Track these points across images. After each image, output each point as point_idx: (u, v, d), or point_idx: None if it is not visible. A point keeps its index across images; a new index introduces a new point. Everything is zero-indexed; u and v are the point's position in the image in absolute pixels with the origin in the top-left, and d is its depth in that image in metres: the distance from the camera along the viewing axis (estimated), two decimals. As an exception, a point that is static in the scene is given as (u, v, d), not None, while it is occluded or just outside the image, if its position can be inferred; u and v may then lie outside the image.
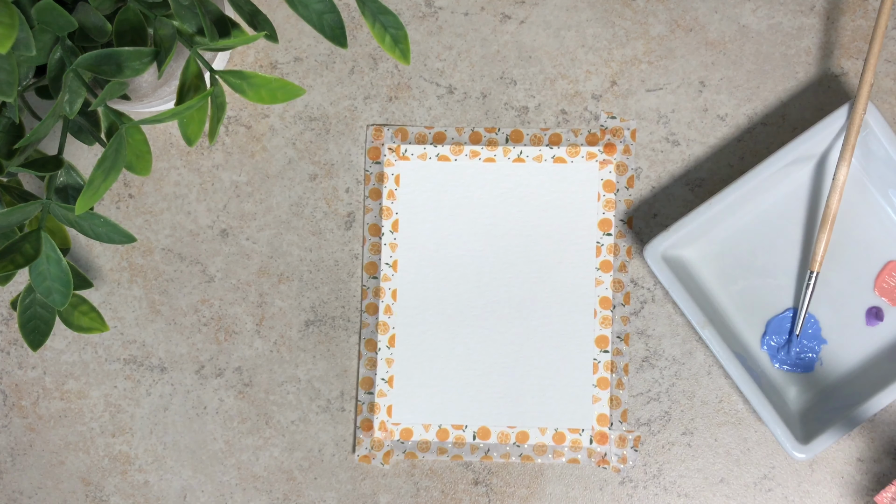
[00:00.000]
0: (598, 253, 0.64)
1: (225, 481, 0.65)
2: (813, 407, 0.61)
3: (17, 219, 0.49)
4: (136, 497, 0.65)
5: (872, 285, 0.62)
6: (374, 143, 0.65)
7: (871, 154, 0.61)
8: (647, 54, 0.64)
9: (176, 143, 0.66)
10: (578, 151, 0.64)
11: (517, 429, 0.64)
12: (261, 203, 0.65)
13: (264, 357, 0.65)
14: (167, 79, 0.59)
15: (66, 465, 0.66)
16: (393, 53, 0.49)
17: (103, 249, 0.66)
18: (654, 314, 0.64)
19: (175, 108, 0.48)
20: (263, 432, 0.65)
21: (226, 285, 0.65)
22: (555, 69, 0.65)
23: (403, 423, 0.64)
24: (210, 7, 0.52)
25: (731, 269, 0.63)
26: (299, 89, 0.50)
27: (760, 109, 0.64)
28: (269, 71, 0.66)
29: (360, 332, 0.65)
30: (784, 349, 0.62)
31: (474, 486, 0.64)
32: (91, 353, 0.66)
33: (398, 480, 0.64)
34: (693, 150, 0.64)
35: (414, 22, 0.65)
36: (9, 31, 0.42)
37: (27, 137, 0.49)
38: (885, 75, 0.63)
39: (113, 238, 0.51)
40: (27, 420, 0.66)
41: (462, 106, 0.65)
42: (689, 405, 0.63)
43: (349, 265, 0.65)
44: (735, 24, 0.64)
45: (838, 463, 0.63)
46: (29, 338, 0.54)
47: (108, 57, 0.49)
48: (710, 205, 0.60)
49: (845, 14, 0.64)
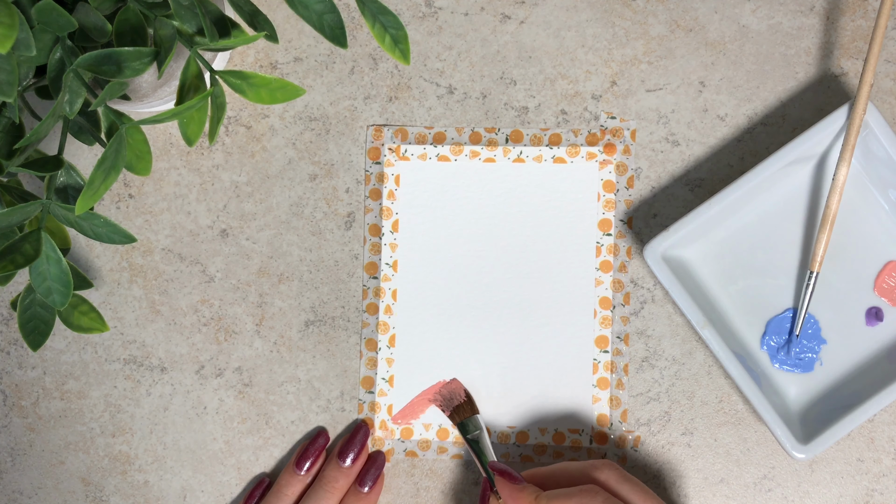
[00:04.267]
0: (597, 253, 0.64)
1: (225, 481, 0.65)
2: (813, 407, 0.61)
3: (17, 219, 0.49)
4: (136, 497, 0.65)
5: (872, 285, 0.62)
6: (374, 144, 0.65)
7: (871, 154, 0.61)
8: (647, 54, 0.64)
9: (176, 143, 0.66)
10: (578, 152, 0.64)
11: (517, 429, 0.64)
12: (261, 203, 0.65)
13: (264, 357, 0.65)
14: (167, 79, 0.59)
15: (66, 465, 0.66)
16: (393, 54, 0.49)
17: (103, 249, 0.66)
18: (654, 314, 0.64)
19: (175, 108, 0.48)
20: (263, 432, 0.65)
21: (226, 285, 0.65)
22: (555, 69, 0.65)
23: (404, 423, 0.64)
24: (210, 7, 0.52)
25: (731, 269, 0.63)
26: (299, 89, 0.50)
27: (760, 109, 0.64)
28: (269, 71, 0.66)
29: (361, 332, 0.65)
30: (784, 349, 0.62)
31: (474, 486, 0.64)
32: (91, 353, 0.66)
33: (398, 480, 0.64)
34: (693, 151, 0.64)
35: (414, 22, 0.65)
36: (9, 31, 0.42)
37: (27, 137, 0.49)
38: (885, 75, 0.63)
39: (113, 238, 0.51)
40: (27, 420, 0.66)
41: (462, 106, 0.65)
42: (689, 405, 0.63)
43: (349, 265, 0.65)
44: (735, 24, 0.64)
45: (838, 463, 0.63)
46: (29, 338, 0.54)
47: (108, 57, 0.49)
48: (710, 205, 0.60)
49: (845, 14, 0.64)
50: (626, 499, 0.56)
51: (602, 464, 0.57)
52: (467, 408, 0.63)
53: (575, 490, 0.55)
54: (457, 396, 0.63)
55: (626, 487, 0.56)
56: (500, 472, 0.59)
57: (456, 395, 0.62)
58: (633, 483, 0.56)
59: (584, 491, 0.55)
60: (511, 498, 0.58)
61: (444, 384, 0.63)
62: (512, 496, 0.58)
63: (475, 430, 0.62)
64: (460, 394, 0.63)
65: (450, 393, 0.63)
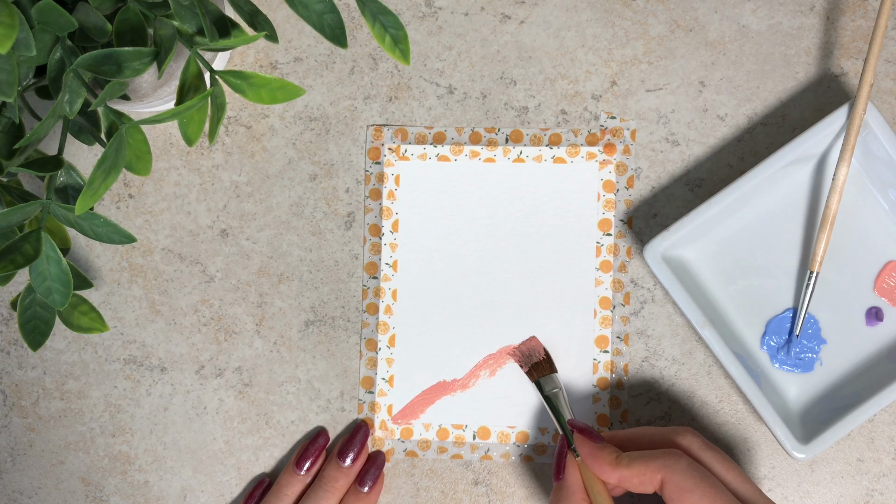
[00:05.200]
0: (597, 253, 0.64)
1: (225, 481, 0.65)
2: (813, 407, 0.61)
3: (17, 219, 0.49)
4: (136, 497, 0.65)
5: (872, 285, 0.62)
6: (374, 143, 0.65)
7: (871, 154, 0.61)
8: (647, 54, 0.64)
9: (176, 143, 0.66)
10: (578, 151, 0.64)
11: (517, 429, 0.64)
12: (261, 203, 0.65)
13: (264, 357, 0.65)
14: (167, 79, 0.59)
15: (66, 465, 0.66)
16: (393, 54, 0.49)
17: (103, 249, 0.66)
18: (654, 314, 0.64)
19: (175, 108, 0.48)
20: (263, 432, 0.65)
21: (226, 285, 0.65)
22: (555, 69, 0.65)
23: (404, 423, 0.64)
24: (210, 7, 0.52)
25: (731, 269, 0.63)
26: (299, 89, 0.50)
27: (760, 109, 0.64)
28: (269, 71, 0.66)
29: (361, 332, 0.65)
30: (784, 349, 0.62)
31: (474, 486, 0.64)
32: (91, 353, 0.66)
33: (398, 480, 0.64)
34: (693, 150, 0.64)
35: (414, 22, 0.65)
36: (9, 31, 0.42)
37: (27, 137, 0.48)
38: (885, 75, 0.63)
39: (113, 238, 0.51)
40: (27, 420, 0.66)
41: (462, 106, 0.65)
42: (689, 405, 0.63)
43: (349, 265, 0.65)
44: (735, 24, 0.64)
45: (838, 463, 0.63)
46: (29, 338, 0.54)
47: (108, 57, 0.49)
48: (710, 205, 0.60)
49: (845, 14, 0.64)
50: (708, 466, 0.55)
51: (684, 430, 0.57)
52: (546, 366, 0.62)
53: (658, 452, 0.55)
54: (536, 354, 0.62)
55: (708, 455, 0.55)
56: (580, 429, 0.59)
57: (535, 352, 0.62)
58: (715, 451, 0.56)
59: (667, 454, 0.54)
60: (590, 456, 0.57)
61: (524, 341, 0.63)
62: (592, 454, 0.57)
63: (553, 389, 0.61)
64: (539, 351, 0.62)
65: (529, 350, 0.62)
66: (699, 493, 0.52)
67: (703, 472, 0.53)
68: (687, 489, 0.53)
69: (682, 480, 0.53)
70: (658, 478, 0.54)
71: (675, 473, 0.53)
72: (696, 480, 0.53)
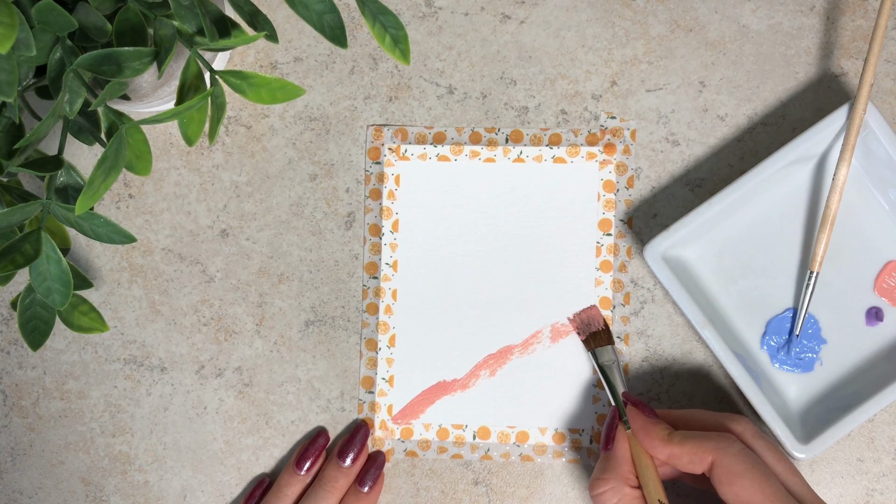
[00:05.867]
0: (597, 253, 0.64)
1: (225, 481, 0.65)
2: (813, 407, 0.61)
3: (17, 219, 0.49)
4: (136, 497, 0.65)
5: (872, 285, 0.62)
6: (374, 143, 0.65)
7: (871, 154, 0.61)
8: (647, 54, 0.64)
9: (176, 143, 0.66)
10: (578, 151, 0.64)
11: (517, 429, 0.64)
12: (261, 203, 0.65)
13: (264, 357, 0.65)
14: (167, 79, 0.59)
15: (66, 465, 0.66)
16: (393, 54, 0.49)
17: (103, 249, 0.66)
18: (654, 314, 0.64)
19: (175, 108, 0.48)
20: (263, 432, 0.65)
21: (226, 285, 0.65)
22: (555, 69, 0.65)
23: (404, 423, 0.64)
24: (210, 7, 0.52)
25: (731, 269, 0.63)
26: (299, 89, 0.50)
27: (760, 109, 0.64)
28: (269, 71, 0.66)
29: (361, 332, 0.65)
30: (784, 349, 0.62)
31: (474, 486, 0.64)
32: (91, 353, 0.66)
33: (398, 480, 0.64)
34: (693, 150, 0.64)
35: (414, 22, 0.65)
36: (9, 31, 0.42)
37: (27, 137, 0.49)
38: (885, 75, 0.63)
39: (113, 238, 0.51)
40: (27, 420, 0.66)
41: (462, 106, 0.65)
42: (689, 405, 0.63)
43: (349, 265, 0.65)
44: (735, 24, 0.64)
45: (838, 463, 0.63)
46: (29, 338, 0.54)
47: (108, 57, 0.49)
48: (710, 205, 0.60)
49: (845, 14, 0.64)
50: (759, 454, 0.55)
51: (738, 417, 0.57)
52: (604, 337, 0.62)
53: (712, 434, 0.55)
54: (595, 323, 0.62)
55: (760, 444, 0.56)
56: (634, 403, 0.59)
57: (594, 321, 0.62)
58: (767, 442, 0.56)
59: (720, 437, 0.55)
60: (643, 430, 0.57)
61: (584, 309, 0.63)
62: (644, 428, 0.57)
63: (609, 360, 0.61)
64: (599, 321, 0.62)
65: (588, 318, 0.62)
66: (749, 477, 0.53)
67: (755, 458, 0.54)
68: (737, 473, 0.53)
69: (734, 464, 0.53)
70: (709, 459, 0.54)
71: (727, 456, 0.54)
72: (748, 466, 0.53)
